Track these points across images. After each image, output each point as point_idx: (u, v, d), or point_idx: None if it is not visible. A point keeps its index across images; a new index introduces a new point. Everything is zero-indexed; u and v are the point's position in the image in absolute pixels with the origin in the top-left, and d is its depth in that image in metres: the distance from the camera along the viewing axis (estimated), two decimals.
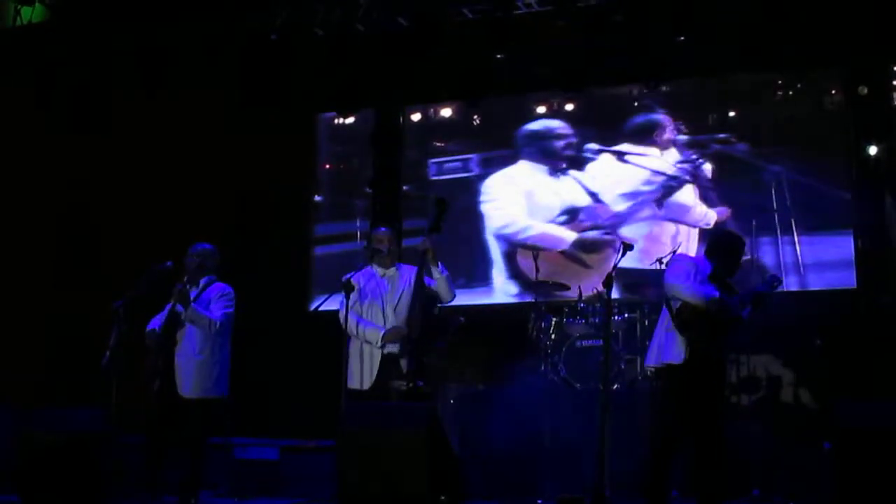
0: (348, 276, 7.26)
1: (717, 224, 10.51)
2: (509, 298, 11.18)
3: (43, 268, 10.96)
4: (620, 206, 11.01)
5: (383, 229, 7.57)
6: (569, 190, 11.24)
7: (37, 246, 10.92)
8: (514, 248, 11.31)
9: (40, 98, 10.90)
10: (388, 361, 7.13)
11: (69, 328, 10.44)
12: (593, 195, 11.11)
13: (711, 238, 7.44)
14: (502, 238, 11.37)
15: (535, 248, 10.67)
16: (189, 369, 7.47)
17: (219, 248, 7.90)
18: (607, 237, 10.88)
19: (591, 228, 11.00)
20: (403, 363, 7.03)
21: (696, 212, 10.72)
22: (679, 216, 10.80)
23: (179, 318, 7.48)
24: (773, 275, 7.04)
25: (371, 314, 7.28)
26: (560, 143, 11.36)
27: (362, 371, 7.17)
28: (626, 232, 10.79)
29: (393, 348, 7.10)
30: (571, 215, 11.15)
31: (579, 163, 11.28)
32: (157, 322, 7.63)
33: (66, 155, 11.18)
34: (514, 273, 11.23)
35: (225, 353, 7.64)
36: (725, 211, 10.60)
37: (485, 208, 11.54)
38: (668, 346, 6.79)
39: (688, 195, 10.80)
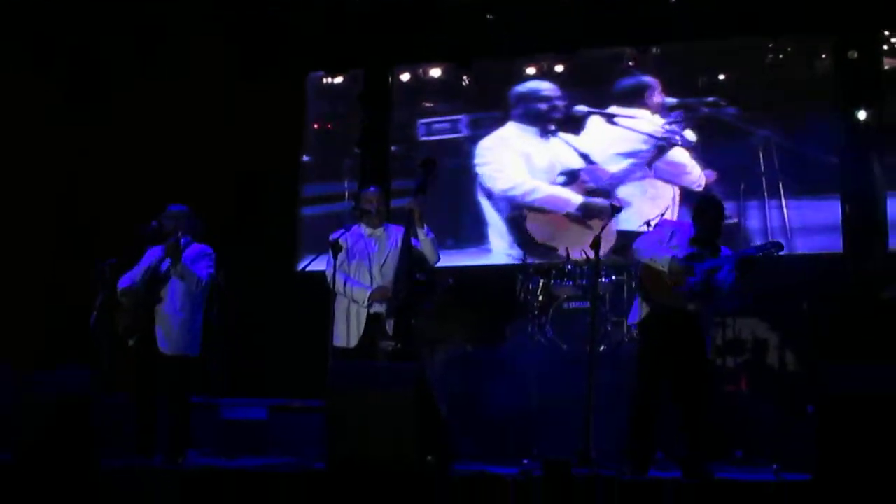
0: (335, 235, 7.26)
1: (706, 186, 10.54)
2: (508, 260, 11.17)
3: (44, 237, 10.91)
4: (614, 167, 11.02)
5: (372, 189, 7.58)
6: (561, 152, 11.24)
7: (38, 217, 10.87)
8: (518, 210, 11.28)
9: (37, 71, 10.84)
10: (373, 321, 7.15)
11: (69, 295, 10.43)
12: (585, 157, 11.12)
13: (694, 202, 7.49)
14: (505, 200, 11.34)
15: (542, 210, 10.71)
16: (172, 326, 7.46)
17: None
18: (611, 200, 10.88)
19: (594, 191, 11.01)
20: (389, 324, 7.04)
21: (692, 174, 10.74)
22: (674, 178, 10.82)
23: (161, 274, 7.48)
24: (774, 241, 7.06)
25: (358, 274, 7.30)
26: (549, 105, 11.34)
27: (349, 330, 7.20)
28: (624, 193, 10.82)
29: (379, 308, 7.12)
30: (570, 177, 11.15)
31: (568, 124, 11.27)
32: (127, 280, 7.61)
33: (64, 124, 11.12)
34: (518, 235, 11.18)
35: (201, 313, 7.67)
36: (711, 174, 10.62)
37: (483, 171, 11.50)
38: (633, 308, 7.10)
39: (682, 156, 10.81)
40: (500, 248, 11.33)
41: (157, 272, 7.50)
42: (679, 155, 10.84)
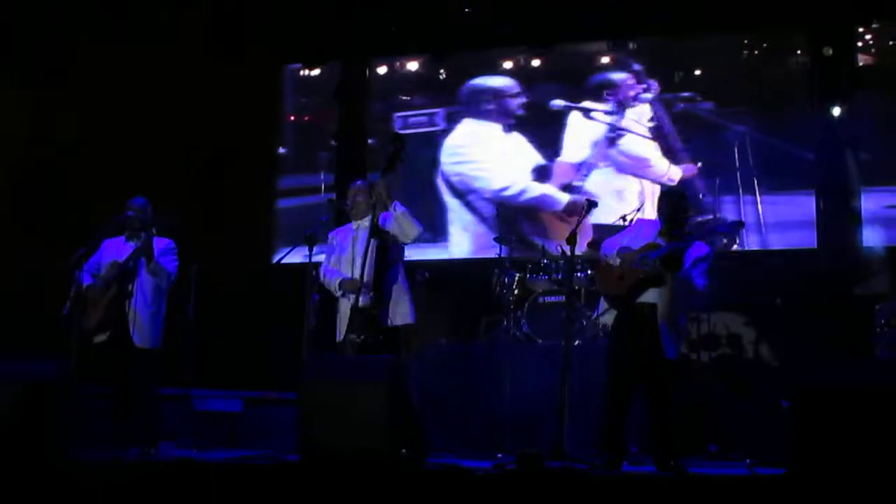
0: (332, 233, 7.41)
1: (682, 181, 10.55)
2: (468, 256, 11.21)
3: (8, 225, 10.82)
4: (575, 160, 11.05)
5: (357, 182, 7.55)
6: (524, 148, 11.27)
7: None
8: (510, 210, 11.23)
9: (1, 49, 10.73)
10: (357, 313, 7.08)
11: (28, 280, 10.34)
12: (545, 151, 11.17)
13: None
14: (490, 199, 11.30)
15: (535, 209, 10.88)
16: (143, 320, 7.52)
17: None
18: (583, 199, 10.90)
19: (567, 186, 11.04)
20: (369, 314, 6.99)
21: (657, 167, 10.76)
22: (638, 171, 10.85)
23: (130, 269, 7.46)
24: (736, 220, 7.08)
25: (340, 265, 7.29)
26: (508, 101, 11.36)
27: (339, 323, 7.18)
28: (592, 188, 10.81)
29: (364, 301, 7.05)
30: (542, 173, 11.17)
31: (528, 120, 11.30)
32: (88, 275, 7.60)
33: (28, 107, 11.01)
34: (505, 231, 11.08)
35: (165, 306, 7.71)
36: (692, 168, 10.64)
37: (461, 169, 11.45)
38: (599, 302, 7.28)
39: (645, 149, 10.84)
40: (462, 245, 11.34)
41: (125, 268, 7.49)
42: (641, 149, 10.87)
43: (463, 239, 11.37)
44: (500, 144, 11.35)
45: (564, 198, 11.03)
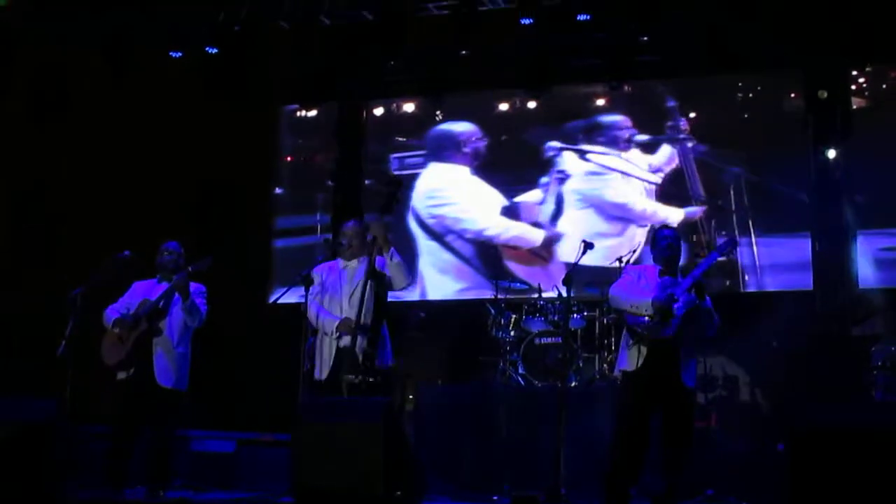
0: (314, 269, 7.33)
1: (686, 223, 10.64)
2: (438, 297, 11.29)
3: (4, 262, 10.81)
4: (536, 200, 11.19)
5: (350, 223, 7.55)
6: (491, 189, 11.40)
7: None
8: (491, 249, 11.29)
9: (1, 84, 10.76)
10: (344, 353, 7.07)
11: (24, 318, 10.32)
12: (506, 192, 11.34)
13: None
14: (473, 239, 11.35)
15: (514, 247, 10.88)
16: (170, 360, 7.52)
17: (180, 240, 7.88)
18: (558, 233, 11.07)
19: (535, 224, 11.17)
20: (359, 355, 6.98)
21: (638, 208, 10.86)
22: (620, 213, 10.93)
23: (161, 308, 7.45)
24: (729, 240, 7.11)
25: (331, 306, 7.28)
26: (479, 145, 11.47)
27: (322, 361, 7.17)
28: (566, 227, 10.99)
29: (347, 342, 7.04)
30: (511, 212, 11.29)
31: (498, 161, 11.46)
32: (115, 311, 7.60)
33: (25, 142, 11.03)
34: (490, 270, 11.17)
35: (190, 349, 7.70)
36: (698, 211, 10.67)
37: (442, 212, 11.50)
38: (622, 355, 6.99)
39: (623, 193, 10.91)
40: (442, 286, 11.39)
41: (156, 306, 7.50)
42: (620, 190, 10.92)
43: (442, 280, 11.40)
44: (470, 186, 11.46)
45: (539, 234, 11.11)
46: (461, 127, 11.61)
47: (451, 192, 11.48)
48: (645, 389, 6.72)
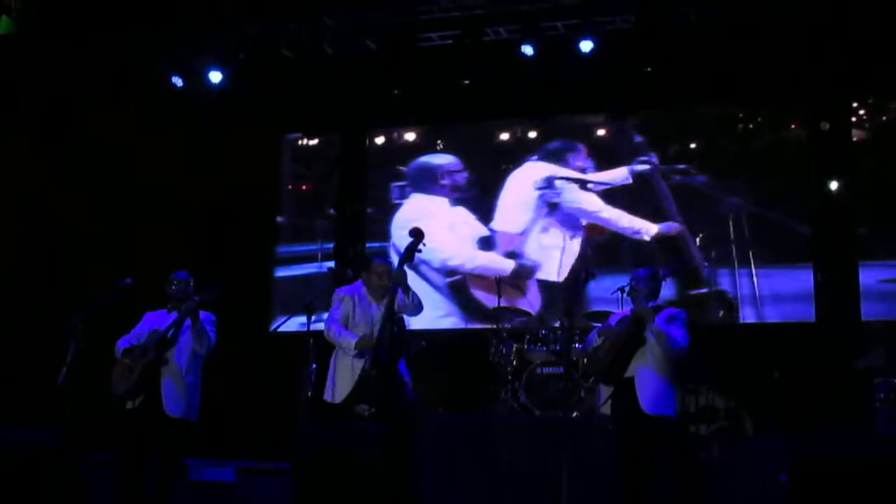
0: (342, 291, 7.32)
1: (658, 237, 10.72)
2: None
3: (6, 289, 10.78)
4: (514, 229, 11.25)
5: (383, 260, 7.60)
6: (468, 220, 11.47)
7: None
8: (460, 278, 11.33)
9: (5, 110, 10.78)
10: (366, 379, 7.03)
11: (25, 345, 10.30)
12: (485, 221, 11.41)
13: None
14: (441, 269, 11.39)
15: (482, 277, 10.93)
16: (178, 389, 7.46)
17: (181, 267, 7.87)
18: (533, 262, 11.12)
19: (510, 253, 11.23)
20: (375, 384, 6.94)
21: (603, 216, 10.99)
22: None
23: (169, 338, 7.47)
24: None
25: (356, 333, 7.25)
26: (459, 177, 11.56)
27: (337, 383, 7.11)
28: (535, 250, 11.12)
29: (356, 362, 7.02)
30: (486, 243, 11.36)
31: (468, 193, 11.54)
32: (125, 342, 7.60)
33: (27, 170, 11.03)
34: (463, 302, 11.27)
35: (200, 378, 7.66)
36: (673, 226, 10.72)
37: None
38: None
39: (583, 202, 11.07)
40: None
41: (165, 335, 7.49)
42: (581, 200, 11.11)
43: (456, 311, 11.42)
44: (447, 217, 11.50)
45: (509, 264, 11.17)
46: (440, 159, 11.70)
47: (423, 223, 11.46)
48: (615, 422, 6.94)
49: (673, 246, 10.67)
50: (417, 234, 7.18)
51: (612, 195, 11.03)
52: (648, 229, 10.81)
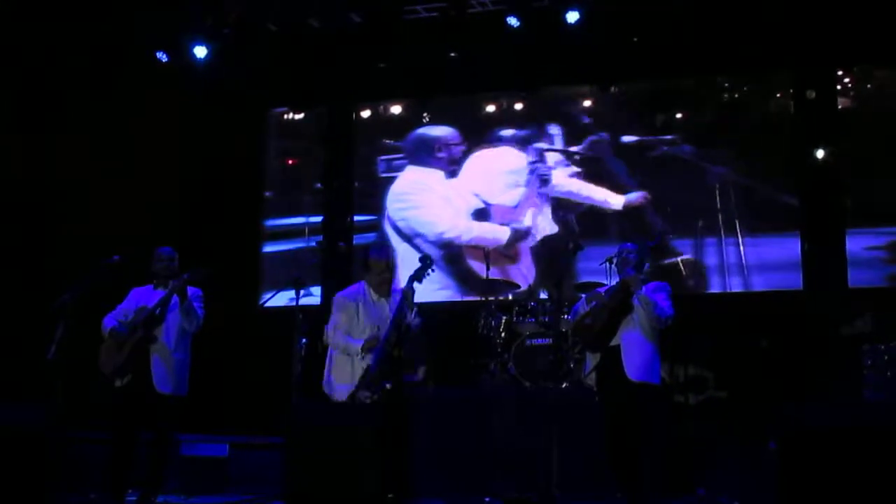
0: (345, 294, 7.24)
1: (628, 207, 10.81)
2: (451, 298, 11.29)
3: None
4: (509, 200, 11.26)
5: (383, 253, 7.48)
6: (464, 192, 11.46)
7: None
8: (456, 250, 11.33)
9: None
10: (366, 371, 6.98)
11: (13, 323, 10.28)
12: (479, 194, 11.39)
13: None
14: (436, 242, 11.38)
15: (480, 248, 10.82)
16: (167, 366, 7.47)
17: (168, 243, 7.86)
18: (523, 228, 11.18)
19: (505, 224, 11.24)
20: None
21: (574, 189, 11.09)
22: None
23: (157, 315, 7.46)
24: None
25: (365, 334, 7.13)
26: (456, 150, 11.52)
27: (337, 380, 7.06)
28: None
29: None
30: (481, 215, 11.34)
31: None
32: (112, 320, 7.58)
33: (15, 147, 10.99)
34: (459, 274, 11.26)
35: (190, 354, 7.68)
36: (641, 196, 10.77)
37: (407, 215, 11.56)
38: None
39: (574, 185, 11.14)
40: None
41: (153, 313, 7.48)
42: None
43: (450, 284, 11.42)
44: (443, 190, 11.50)
45: (505, 232, 11.19)
46: (438, 131, 11.66)
47: (418, 196, 11.54)
48: (601, 390, 7.01)
49: (638, 215, 10.75)
50: (426, 261, 7.16)
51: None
52: (618, 201, 10.88)
